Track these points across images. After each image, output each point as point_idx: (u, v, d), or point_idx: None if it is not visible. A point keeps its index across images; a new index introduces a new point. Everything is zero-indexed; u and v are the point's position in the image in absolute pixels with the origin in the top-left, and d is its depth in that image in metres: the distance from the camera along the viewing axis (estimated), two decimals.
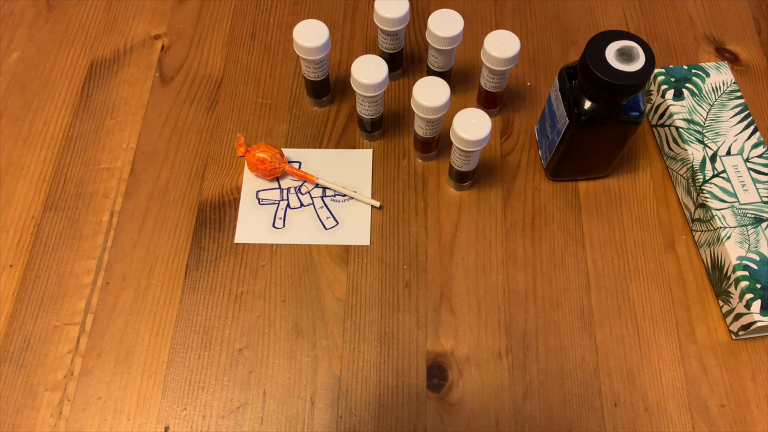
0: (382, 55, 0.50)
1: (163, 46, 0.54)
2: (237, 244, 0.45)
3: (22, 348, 0.42)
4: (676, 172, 0.47)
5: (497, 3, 0.57)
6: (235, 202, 0.47)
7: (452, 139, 0.43)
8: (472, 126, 0.42)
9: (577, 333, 0.43)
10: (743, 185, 0.44)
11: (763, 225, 0.43)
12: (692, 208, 0.46)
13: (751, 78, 0.53)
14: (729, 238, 0.42)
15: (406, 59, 0.53)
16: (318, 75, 0.48)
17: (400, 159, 0.49)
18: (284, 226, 0.46)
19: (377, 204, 0.46)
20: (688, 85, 0.48)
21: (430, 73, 0.50)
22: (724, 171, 0.45)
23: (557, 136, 0.44)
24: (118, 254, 0.45)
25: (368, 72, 0.44)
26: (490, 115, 0.50)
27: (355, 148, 0.49)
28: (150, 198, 0.47)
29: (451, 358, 0.41)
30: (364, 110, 0.46)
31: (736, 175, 0.45)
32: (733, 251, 0.42)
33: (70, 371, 0.41)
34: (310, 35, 0.45)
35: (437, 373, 0.41)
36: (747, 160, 0.45)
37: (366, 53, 0.47)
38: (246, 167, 0.48)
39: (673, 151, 0.48)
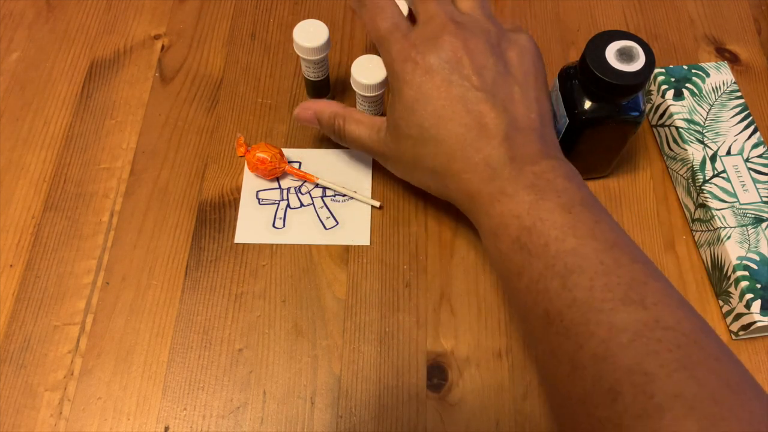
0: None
1: (163, 46, 0.54)
2: (237, 244, 0.45)
3: (22, 348, 0.42)
4: (676, 172, 0.47)
5: (497, 3, 0.57)
6: (235, 202, 0.47)
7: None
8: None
9: None
10: (743, 185, 0.44)
11: (763, 225, 0.43)
12: (692, 208, 0.46)
13: (751, 78, 0.53)
14: (729, 238, 0.42)
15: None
16: (318, 75, 0.48)
17: None
18: (284, 226, 0.46)
19: (377, 204, 0.46)
20: (688, 85, 0.48)
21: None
22: (724, 171, 0.45)
23: (557, 136, 0.44)
24: (118, 254, 0.45)
25: (368, 72, 0.44)
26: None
27: None
28: (150, 198, 0.47)
29: (451, 358, 0.41)
30: (365, 111, 0.46)
31: (736, 175, 0.45)
32: (733, 251, 0.42)
33: (70, 371, 0.41)
34: (310, 35, 0.45)
35: (437, 373, 0.41)
36: (747, 160, 0.45)
37: (366, 53, 0.47)
38: (246, 167, 0.48)
39: (673, 151, 0.48)
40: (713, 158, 0.45)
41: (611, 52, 0.39)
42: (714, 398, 0.26)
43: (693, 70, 0.49)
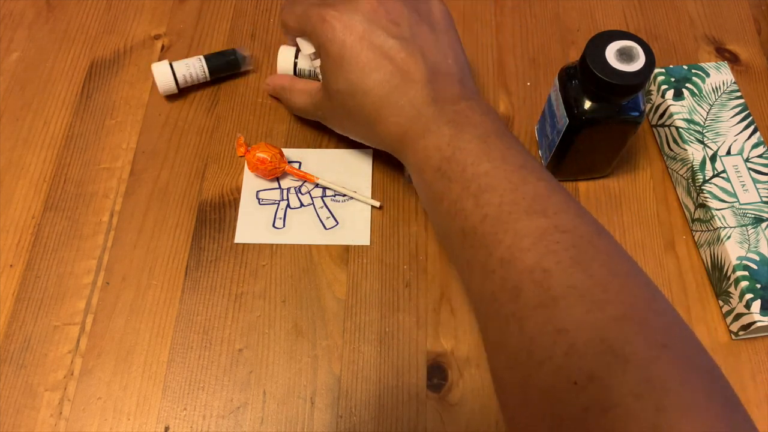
0: None
1: (163, 46, 0.54)
2: (237, 244, 0.45)
3: (22, 348, 0.42)
4: (676, 172, 0.47)
5: (497, 3, 0.57)
6: (235, 202, 0.47)
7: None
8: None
9: None
10: (743, 185, 0.44)
11: (763, 225, 0.43)
12: (692, 208, 0.46)
13: (751, 78, 0.53)
14: (729, 238, 0.42)
15: None
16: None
17: None
18: (284, 226, 0.46)
19: (377, 204, 0.46)
20: (688, 85, 0.48)
21: None
22: (724, 171, 0.45)
23: (557, 136, 0.44)
24: (118, 254, 0.45)
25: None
26: None
27: (355, 148, 0.49)
28: (150, 198, 0.47)
29: (451, 358, 0.41)
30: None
31: (736, 175, 0.45)
32: (733, 251, 0.42)
33: (70, 371, 0.41)
34: None
35: (437, 373, 0.41)
36: (747, 160, 0.45)
37: None
38: (246, 167, 0.48)
39: (673, 151, 0.48)
40: (713, 158, 0.45)
41: (611, 52, 0.39)
42: (602, 287, 0.29)
43: (693, 70, 0.49)
